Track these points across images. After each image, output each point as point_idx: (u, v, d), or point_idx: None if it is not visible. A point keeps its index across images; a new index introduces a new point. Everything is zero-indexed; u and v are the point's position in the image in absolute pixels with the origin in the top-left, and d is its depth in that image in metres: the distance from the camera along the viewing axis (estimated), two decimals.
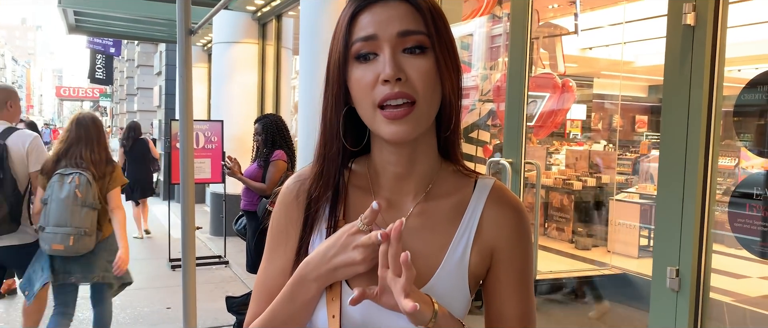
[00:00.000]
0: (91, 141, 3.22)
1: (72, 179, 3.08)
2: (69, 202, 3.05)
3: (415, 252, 0.78)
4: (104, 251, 3.25)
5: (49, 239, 3.07)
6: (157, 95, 13.70)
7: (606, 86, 9.80)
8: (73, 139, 3.20)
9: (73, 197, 3.06)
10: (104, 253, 3.25)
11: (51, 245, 3.06)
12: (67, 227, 3.05)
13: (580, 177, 6.83)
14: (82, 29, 10.25)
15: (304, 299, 0.83)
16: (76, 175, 3.09)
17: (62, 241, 3.05)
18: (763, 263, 4.23)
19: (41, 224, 3.10)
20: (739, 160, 6.01)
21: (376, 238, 0.77)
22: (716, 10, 1.93)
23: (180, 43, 2.55)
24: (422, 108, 0.81)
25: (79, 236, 3.07)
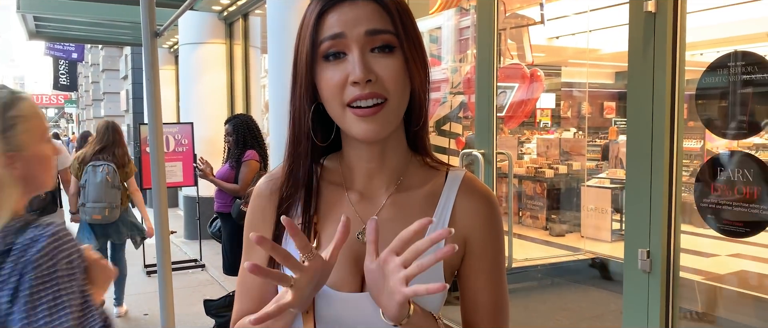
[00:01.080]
0: (116, 143, 4.55)
1: (103, 168, 4.38)
2: (103, 184, 4.35)
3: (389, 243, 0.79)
4: (126, 219, 4.63)
5: (89, 211, 4.37)
6: (125, 100, 13.46)
7: (573, 74, 9.95)
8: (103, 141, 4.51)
9: (105, 181, 4.36)
10: (126, 220, 4.62)
11: (91, 215, 4.37)
12: (102, 203, 4.36)
13: (551, 165, 6.93)
14: (43, 35, 10.00)
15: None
16: (105, 165, 4.39)
17: (100, 212, 4.36)
18: (730, 241, 4.35)
19: (82, 201, 4.39)
20: (704, 142, 6.16)
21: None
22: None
23: (146, 45, 2.51)
24: (392, 106, 0.82)
25: (111, 208, 4.40)
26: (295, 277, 0.74)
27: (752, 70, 1.89)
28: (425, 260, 0.72)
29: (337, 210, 0.91)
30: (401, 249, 0.75)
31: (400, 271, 0.73)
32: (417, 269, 0.72)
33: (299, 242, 0.74)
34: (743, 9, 6.39)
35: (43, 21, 8.72)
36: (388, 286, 0.75)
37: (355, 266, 0.87)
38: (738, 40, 6.74)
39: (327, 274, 0.78)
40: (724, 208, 1.97)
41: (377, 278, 0.77)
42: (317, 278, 0.77)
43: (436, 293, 0.70)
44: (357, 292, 0.86)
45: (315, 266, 0.75)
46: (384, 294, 0.76)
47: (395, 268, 0.74)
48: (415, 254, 0.73)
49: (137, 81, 12.15)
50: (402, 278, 0.72)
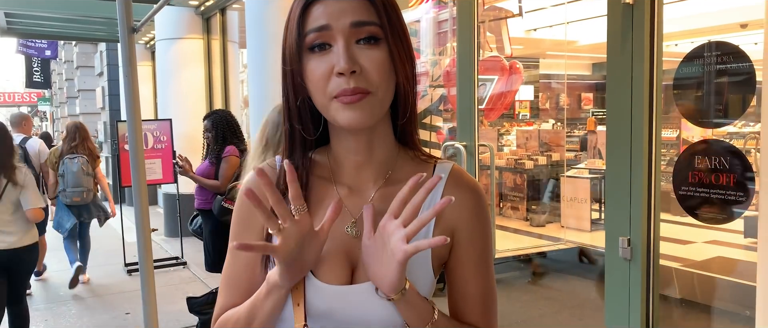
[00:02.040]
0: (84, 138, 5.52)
1: (78, 160, 5.34)
2: (80, 173, 5.34)
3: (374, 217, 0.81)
4: (96, 202, 5.61)
5: (70, 195, 5.34)
6: (101, 97, 13.24)
7: (552, 66, 10.04)
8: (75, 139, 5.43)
9: (81, 170, 5.35)
10: (96, 203, 5.61)
11: (72, 198, 5.35)
12: (80, 188, 5.35)
13: (531, 156, 6.99)
14: (15, 31, 9.79)
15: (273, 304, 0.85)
16: (80, 157, 5.36)
17: (79, 195, 5.36)
18: (707, 228, 4.43)
19: (62, 187, 5.35)
20: (680, 132, 6.27)
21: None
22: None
23: (123, 41, 2.48)
24: (377, 97, 0.82)
25: (87, 192, 5.39)
26: (283, 226, 0.76)
27: (727, 60, 1.93)
28: (425, 214, 0.74)
29: (326, 204, 0.90)
30: (399, 210, 0.77)
31: (400, 230, 0.75)
32: (418, 224, 0.74)
33: (293, 191, 0.77)
34: (716, 0, 6.51)
35: (15, 17, 8.54)
36: (389, 249, 0.76)
37: (345, 259, 0.87)
38: (711, 30, 6.85)
39: (316, 245, 0.80)
40: (701, 196, 2.00)
41: (375, 250, 0.79)
42: (304, 239, 0.78)
43: (438, 245, 0.72)
44: (347, 284, 0.86)
45: (304, 221, 0.77)
46: (383, 263, 0.78)
47: (395, 228, 0.76)
48: (413, 208, 0.75)
49: (113, 78, 11.96)
50: (402, 237, 0.74)
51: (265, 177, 0.75)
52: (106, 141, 12.76)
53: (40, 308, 5.06)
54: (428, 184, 0.75)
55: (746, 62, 1.89)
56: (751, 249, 4.67)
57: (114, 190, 11.29)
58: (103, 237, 8.12)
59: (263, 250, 0.77)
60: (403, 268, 0.76)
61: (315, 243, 0.80)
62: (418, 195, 0.76)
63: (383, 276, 0.78)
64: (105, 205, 5.77)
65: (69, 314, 4.93)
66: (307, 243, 0.79)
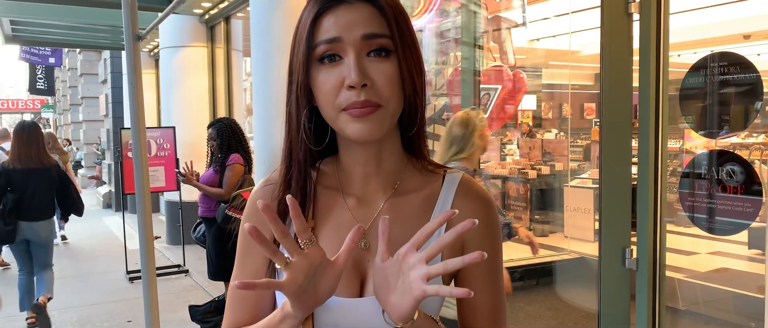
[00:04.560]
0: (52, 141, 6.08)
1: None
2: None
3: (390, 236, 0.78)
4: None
5: None
6: (104, 104, 13.26)
7: (555, 76, 10.04)
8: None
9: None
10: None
11: None
12: None
13: (534, 166, 6.97)
14: (20, 39, 9.84)
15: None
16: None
17: None
18: (713, 239, 4.41)
19: None
20: (684, 142, 6.26)
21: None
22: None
23: (128, 49, 2.48)
24: (387, 110, 0.81)
25: None
26: (291, 259, 0.73)
27: (734, 71, 1.93)
28: (451, 263, 0.71)
29: (334, 215, 0.90)
30: (422, 242, 0.74)
31: (421, 267, 0.72)
32: (442, 269, 0.71)
33: (299, 225, 0.73)
34: (720, 11, 6.50)
35: (20, 25, 8.58)
36: (406, 281, 0.73)
37: (353, 271, 0.86)
38: (714, 41, 6.85)
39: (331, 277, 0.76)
40: (707, 206, 1.99)
41: (388, 275, 0.76)
42: (315, 270, 0.74)
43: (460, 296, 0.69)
44: (356, 297, 0.85)
45: (314, 253, 0.74)
46: (396, 291, 0.74)
47: (416, 262, 0.72)
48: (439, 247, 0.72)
49: (117, 85, 11.99)
50: (424, 275, 0.71)
51: (269, 212, 0.71)
52: (109, 148, 12.77)
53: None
54: (460, 227, 0.71)
55: (752, 73, 1.89)
56: (755, 260, 4.64)
57: (116, 197, 11.30)
58: (104, 245, 8.14)
59: (268, 287, 0.73)
60: (418, 304, 0.73)
61: (329, 273, 0.76)
62: (448, 235, 0.72)
63: (394, 305, 0.75)
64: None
65: (71, 321, 4.92)
66: (320, 274, 0.75)
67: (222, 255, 4.10)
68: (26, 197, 4.33)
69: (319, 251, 0.75)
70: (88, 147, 16.23)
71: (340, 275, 0.76)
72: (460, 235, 0.71)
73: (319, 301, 0.77)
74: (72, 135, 18.92)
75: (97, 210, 12.32)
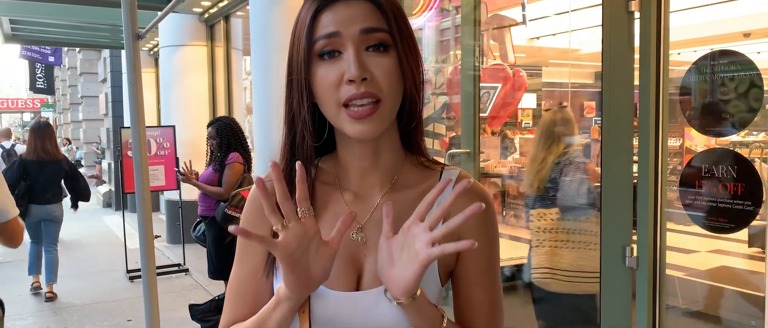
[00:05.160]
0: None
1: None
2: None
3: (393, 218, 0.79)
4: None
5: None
6: (104, 103, 13.26)
7: (554, 74, 10.04)
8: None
9: None
10: None
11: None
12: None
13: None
14: (20, 38, 9.83)
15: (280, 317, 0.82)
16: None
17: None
18: (711, 237, 4.41)
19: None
20: (683, 141, 6.25)
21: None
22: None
23: (128, 48, 2.48)
24: (387, 106, 0.82)
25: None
26: (287, 223, 0.74)
27: (734, 69, 1.92)
28: (452, 221, 0.73)
29: (331, 210, 0.90)
30: (425, 212, 0.76)
31: (426, 233, 0.74)
32: (445, 229, 0.73)
33: (300, 192, 0.75)
34: (719, 9, 6.50)
35: (19, 24, 8.58)
36: (411, 251, 0.75)
37: (350, 265, 0.86)
38: (714, 39, 6.84)
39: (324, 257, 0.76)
40: (708, 205, 1.99)
41: (393, 250, 0.77)
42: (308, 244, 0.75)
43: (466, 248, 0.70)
44: (352, 291, 0.85)
45: (309, 224, 0.75)
46: (400, 264, 0.76)
47: (421, 231, 0.75)
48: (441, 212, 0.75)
49: (116, 84, 11.99)
50: (429, 240, 0.73)
51: (277, 170, 0.73)
52: (108, 147, 12.77)
53: (42, 314, 5.05)
54: (458, 187, 0.75)
55: (753, 71, 1.89)
56: (755, 259, 4.64)
57: (116, 196, 11.30)
58: (104, 244, 8.14)
59: (262, 241, 0.73)
60: (423, 271, 0.74)
61: (323, 253, 0.76)
62: (447, 200, 0.75)
63: (398, 278, 0.76)
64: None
65: (71, 320, 4.92)
66: (314, 251, 0.76)
67: (222, 254, 4.10)
68: (39, 185, 5.18)
69: (314, 224, 0.76)
70: (88, 146, 16.24)
71: (333, 255, 0.77)
72: (469, 218, 0.72)
73: (313, 283, 0.78)
74: (72, 134, 18.92)
75: (97, 209, 12.32)
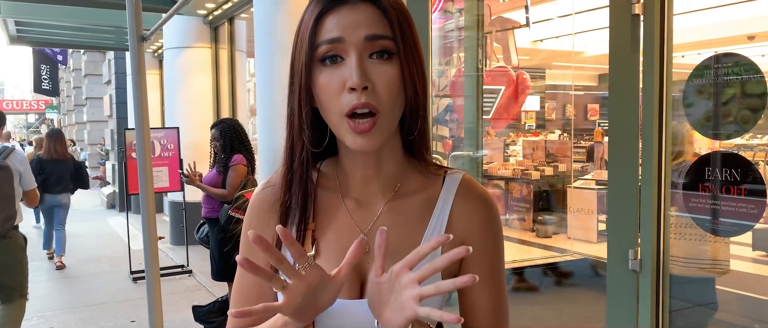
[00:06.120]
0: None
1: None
2: None
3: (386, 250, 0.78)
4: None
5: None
6: (108, 105, 13.30)
7: (558, 77, 10.03)
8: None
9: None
10: None
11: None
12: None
13: (537, 167, 6.96)
14: (25, 40, 9.87)
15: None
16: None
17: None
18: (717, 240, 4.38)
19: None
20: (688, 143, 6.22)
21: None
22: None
23: (132, 50, 2.49)
24: (385, 119, 0.81)
25: None
26: (288, 282, 0.72)
27: (738, 72, 1.92)
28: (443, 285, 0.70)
29: (334, 217, 0.89)
30: (415, 263, 0.73)
31: (414, 288, 0.71)
32: (434, 290, 0.70)
33: (295, 252, 0.72)
34: (723, 11, 6.49)
35: (25, 26, 8.61)
36: (399, 301, 0.72)
37: (354, 273, 0.85)
38: (718, 42, 6.83)
39: (331, 291, 0.75)
40: (711, 207, 1.99)
41: (383, 290, 0.75)
42: (314, 290, 0.74)
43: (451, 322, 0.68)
44: (356, 299, 0.85)
45: (312, 275, 0.73)
46: (389, 308, 0.74)
47: (409, 283, 0.72)
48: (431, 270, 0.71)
49: (121, 86, 12.02)
50: (416, 296, 0.70)
51: (263, 242, 0.69)
52: (113, 149, 12.79)
53: (46, 315, 5.07)
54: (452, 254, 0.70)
55: (757, 73, 1.88)
56: (759, 262, 4.62)
57: (120, 197, 11.31)
58: (108, 245, 8.16)
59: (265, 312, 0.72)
60: (409, 323, 0.72)
61: (330, 287, 0.75)
62: (441, 260, 0.71)
63: (388, 319, 0.74)
64: None
65: (74, 320, 4.93)
66: (320, 290, 0.75)
67: (225, 256, 4.11)
68: (52, 179, 6.62)
69: (317, 272, 0.74)
70: (92, 147, 16.27)
71: (340, 288, 0.76)
72: (452, 261, 0.70)
73: (319, 311, 0.77)
74: (76, 135, 18.96)
75: (101, 210, 12.35)
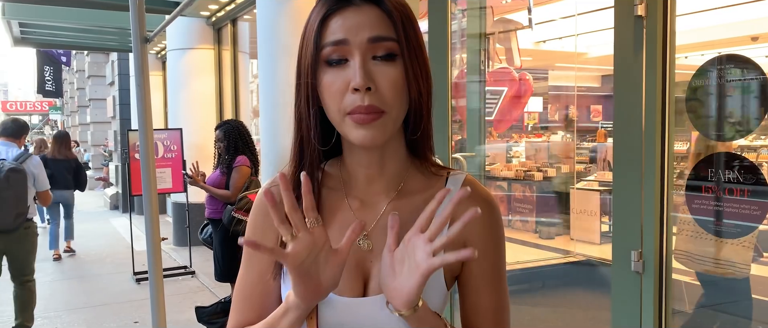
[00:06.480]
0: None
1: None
2: None
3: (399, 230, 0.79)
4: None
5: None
6: (111, 106, 13.34)
7: (561, 78, 10.01)
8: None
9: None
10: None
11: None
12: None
13: (540, 168, 6.95)
14: (29, 41, 9.89)
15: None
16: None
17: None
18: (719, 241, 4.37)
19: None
20: (690, 144, 6.22)
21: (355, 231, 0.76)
22: (665, 1, 2.00)
23: (136, 51, 2.49)
24: (390, 117, 0.82)
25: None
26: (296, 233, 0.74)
27: (741, 73, 1.92)
28: (453, 228, 0.73)
29: (338, 216, 0.90)
30: (426, 224, 0.76)
31: (427, 245, 0.74)
32: (446, 239, 0.73)
33: (308, 203, 0.75)
34: (726, 12, 6.47)
35: (29, 27, 8.64)
36: (413, 262, 0.75)
37: (357, 271, 0.86)
38: (722, 43, 6.81)
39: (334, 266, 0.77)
40: (714, 208, 1.99)
41: (395, 263, 0.78)
42: (318, 252, 0.75)
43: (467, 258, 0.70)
44: (360, 297, 0.85)
45: (318, 233, 0.75)
46: (402, 276, 0.76)
47: (421, 242, 0.75)
48: (440, 223, 0.74)
49: (124, 87, 12.05)
50: (429, 251, 0.73)
51: (285, 181, 0.74)
52: (116, 150, 12.83)
53: (50, 315, 5.08)
54: (455, 197, 0.75)
55: (760, 75, 1.88)
56: (763, 263, 4.60)
57: (123, 198, 11.35)
58: (112, 246, 8.17)
59: (272, 253, 0.74)
60: (424, 282, 0.74)
61: (332, 261, 0.77)
62: (446, 209, 0.74)
63: (400, 289, 0.76)
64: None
65: (78, 321, 4.95)
66: (324, 260, 0.76)
67: (229, 257, 4.11)
68: (58, 176, 7.11)
69: (324, 234, 0.77)
70: (96, 148, 16.32)
71: (342, 264, 0.77)
72: (467, 224, 0.72)
73: (322, 291, 0.78)
74: (80, 136, 19.02)
75: (104, 211, 12.38)
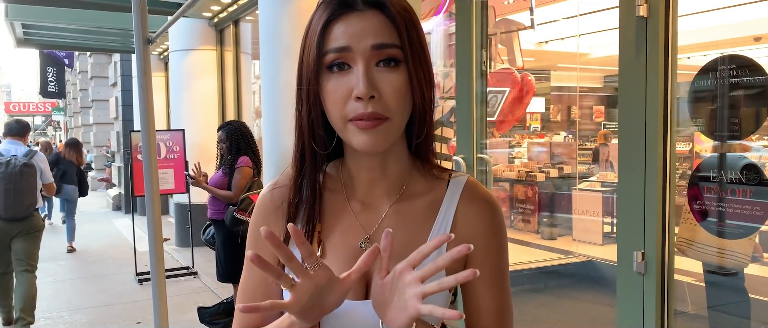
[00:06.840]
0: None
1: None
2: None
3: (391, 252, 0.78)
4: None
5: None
6: (114, 107, 13.35)
7: (563, 78, 10.01)
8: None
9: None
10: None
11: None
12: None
13: (542, 169, 6.95)
14: (32, 42, 9.91)
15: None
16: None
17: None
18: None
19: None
20: (693, 145, 6.21)
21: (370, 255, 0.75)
22: (667, 1, 2.00)
23: (138, 53, 2.50)
24: (393, 123, 0.81)
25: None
26: (297, 281, 0.73)
27: (743, 74, 1.92)
28: (446, 281, 0.71)
29: (340, 219, 0.90)
30: (418, 262, 0.74)
31: (417, 286, 0.72)
32: (437, 287, 0.71)
33: (305, 251, 0.73)
34: (729, 13, 6.46)
35: (32, 29, 8.65)
36: (401, 299, 0.73)
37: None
38: (724, 44, 6.80)
39: (338, 293, 0.76)
40: (717, 209, 1.99)
41: (386, 290, 0.76)
42: (321, 290, 0.75)
43: (466, 280, 0.69)
44: (361, 299, 0.85)
45: (320, 275, 0.74)
46: (393, 307, 0.75)
47: (412, 282, 0.72)
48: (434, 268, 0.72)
49: (126, 88, 12.07)
50: (419, 294, 0.71)
51: (274, 238, 0.70)
52: (118, 151, 12.84)
53: (52, 316, 5.09)
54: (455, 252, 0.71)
55: (762, 75, 1.88)
56: (765, 264, 4.60)
57: (126, 199, 11.37)
58: (114, 247, 8.18)
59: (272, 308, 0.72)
60: (413, 322, 0.73)
61: (337, 289, 0.76)
62: (443, 258, 0.72)
63: (391, 319, 0.75)
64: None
65: (80, 322, 4.95)
66: (328, 291, 0.76)
67: (231, 257, 4.12)
68: (68, 173, 7.98)
69: (325, 272, 0.75)
70: (98, 149, 16.34)
71: (347, 291, 0.77)
72: (455, 259, 0.71)
73: (325, 313, 0.78)
74: (82, 137, 19.04)
75: (107, 212, 12.40)
